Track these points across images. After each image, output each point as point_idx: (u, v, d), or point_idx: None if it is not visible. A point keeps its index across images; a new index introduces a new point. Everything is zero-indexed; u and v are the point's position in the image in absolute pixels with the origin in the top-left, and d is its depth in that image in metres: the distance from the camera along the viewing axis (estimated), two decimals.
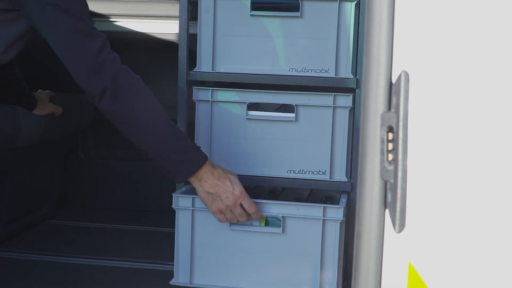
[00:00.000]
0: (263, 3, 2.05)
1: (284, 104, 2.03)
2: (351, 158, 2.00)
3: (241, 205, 1.80)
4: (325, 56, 1.95)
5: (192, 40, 2.73)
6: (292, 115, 1.97)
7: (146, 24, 2.83)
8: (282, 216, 1.84)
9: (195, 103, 2.02)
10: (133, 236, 2.64)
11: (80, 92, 2.76)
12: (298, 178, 2.00)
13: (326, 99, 1.94)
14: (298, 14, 1.94)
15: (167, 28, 2.81)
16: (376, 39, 0.83)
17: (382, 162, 0.82)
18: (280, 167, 2.01)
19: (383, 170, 0.81)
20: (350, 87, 1.96)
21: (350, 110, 1.94)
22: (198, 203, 1.88)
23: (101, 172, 2.96)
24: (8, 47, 1.90)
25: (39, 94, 2.40)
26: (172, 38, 2.80)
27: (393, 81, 0.83)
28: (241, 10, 1.97)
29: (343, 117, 1.95)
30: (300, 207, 1.84)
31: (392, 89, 0.83)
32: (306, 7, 1.94)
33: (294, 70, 1.98)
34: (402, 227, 0.81)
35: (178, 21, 2.74)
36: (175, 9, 2.81)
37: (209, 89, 2.00)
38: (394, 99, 0.81)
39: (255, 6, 1.97)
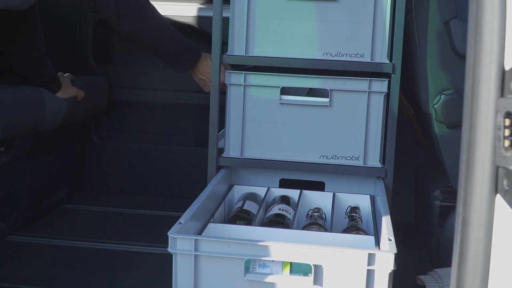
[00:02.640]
0: None
1: (312, 88, 2.01)
2: (384, 144, 1.99)
3: None
4: (361, 41, 1.94)
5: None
6: (326, 100, 1.96)
7: (163, 6, 2.79)
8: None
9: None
10: (145, 220, 2.62)
11: (97, 74, 2.77)
12: (331, 164, 1.99)
13: (361, 84, 1.93)
14: None
15: (184, 11, 2.78)
16: (489, 24, 0.82)
17: (497, 148, 0.81)
18: (312, 152, 2.00)
19: (499, 156, 0.81)
20: (384, 72, 1.95)
21: (384, 96, 1.93)
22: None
23: (114, 156, 2.93)
24: None
25: (61, 76, 2.37)
26: (190, 21, 2.76)
27: (506, 67, 0.82)
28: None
29: (378, 102, 1.94)
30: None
31: (505, 75, 0.82)
32: None
33: (328, 54, 1.96)
34: None
35: (194, 4, 2.75)
36: None
37: (242, 72, 1.98)
38: (511, 85, 0.80)
39: None
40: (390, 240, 1.46)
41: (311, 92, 2.08)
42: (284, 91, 2.04)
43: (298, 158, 2.01)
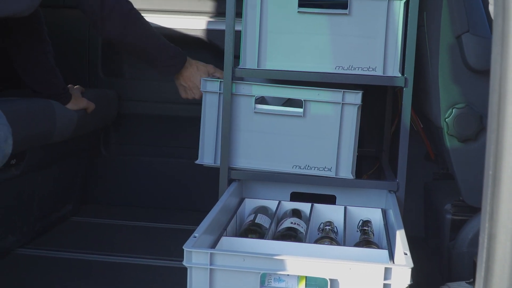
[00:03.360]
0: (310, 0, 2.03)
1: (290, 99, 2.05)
2: (396, 157, 1.99)
3: None
4: (373, 54, 1.95)
5: (220, 35, 2.73)
6: (300, 110, 1.98)
7: (172, 19, 2.80)
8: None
9: None
10: (154, 233, 2.62)
11: (105, 87, 2.78)
12: (303, 174, 2.03)
13: (335, 95, 1.94)
14: (346, 11, 1.93)
15: (192, 24, 2.79)
16: None
17: None
18: (285, 161, 2.03)
19: None
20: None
21: (358, 107, 1.96)
22: None
23: (123, 168, 2.93)
24: None
25: (70, 88, 2.37)
26: (199, 34, 2.77)
27: None
28: (288, 6, 1.95)
29: (351, 114, 1.96)
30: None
31: None
32: (355, 4, 1.93)
33: (341, 67, 1.96)
34: None
35: (203, 17, 2.76)
36: (201, 5, 2.79)
37: (218, 80, 2.04)
38: None
39: (302, 3, 1.95)
40: (406, 254, 1.45)
41: (288, 102, 2.09)
42: (265, 101, 2.06)
43: (270, 167, 2.04)
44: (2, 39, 2.21)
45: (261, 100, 2.05)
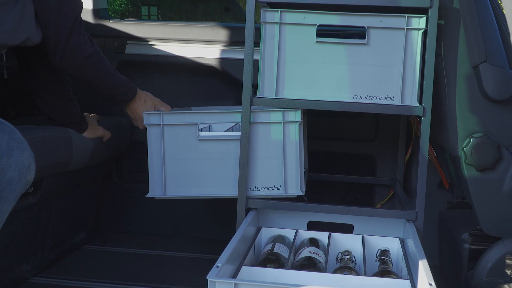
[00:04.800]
0: (329, 30, 2.05)
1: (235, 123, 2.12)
2: (415, 186, 1.99)
3: None
4: (391, 84, 1.95)
5: (233, 64, 2.75)
6: (238, 133, 2.06)
7: (186, 48, 2.81)
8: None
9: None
10: (167, 262, 2.60)
11: (118, 115, 2.78)
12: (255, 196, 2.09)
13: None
14: (364, 41, 1.94)
15: (206, 53, 2.80)
16: None
17: None
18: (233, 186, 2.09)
19: None
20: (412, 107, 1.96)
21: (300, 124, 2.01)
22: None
23: (135, 196, 2.92)
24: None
25: (87, 116, 2.38)
26: (212, 63, 2.78)
27: None
28: (306, 36, 1.97)
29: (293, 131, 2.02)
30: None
31: None
32: (373, 34, 1.94)
33: (358, 97, 1.97)
34: None
35: (217, 46, 2.78)
36: (214, 34, 2.81)
37: (160, 113, 2.10)
38: None
39: (320, 33, 1.97)
40: (431, 285, 1.45)
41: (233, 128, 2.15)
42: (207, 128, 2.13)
43: (219, 193, 2.11)
44: (20, 67, 2.23)
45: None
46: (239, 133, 2.04)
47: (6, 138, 1.47)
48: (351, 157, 2.83)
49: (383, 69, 1.95)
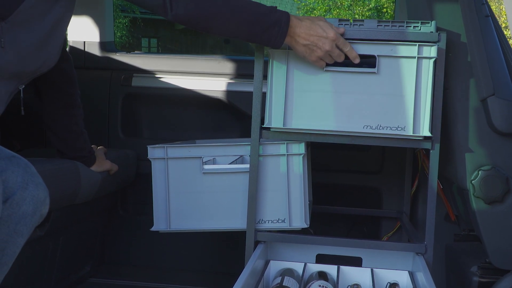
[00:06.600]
0: None
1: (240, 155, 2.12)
2: (423, 219, 1.99)
3: (336, 46, 1.87)
4: (402, 113, 1.93)
5: (240, 97, 2.76)
6: (242, 166, 2.07)
7: (192, 81, 2.83)
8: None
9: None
10: None
11: (124, 147, 2.79)
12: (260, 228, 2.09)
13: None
14: (374, 70, 1.92)
15: (212, 85, 2.82)
16: None
17: None
18: (241, 218, 2.08)
19: None
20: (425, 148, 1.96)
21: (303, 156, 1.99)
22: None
23: (140, 228, 2.91)
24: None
25: (94, 149, 2.38)
26: (219, 95, 2.80)
27: None
28: (315, 65, 1.95)
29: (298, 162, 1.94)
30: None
31: None
32: (383, 63, 1.92)
33: (369, 127, 1.95)
34: None
35: (223, 79, 2.79)
36: (220, 67, 2.82)
37: (164, 146, 2.08)
38: None
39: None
40: None
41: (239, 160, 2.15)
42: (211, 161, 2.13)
43: (223, 226, 2.10)
44: (39, 98, 2.22)
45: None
46: (243, 165, 2.05)
47: (21, 172, 1.46)
48: (357, 189, 2.83)
49: (393, 99, 1.93)
